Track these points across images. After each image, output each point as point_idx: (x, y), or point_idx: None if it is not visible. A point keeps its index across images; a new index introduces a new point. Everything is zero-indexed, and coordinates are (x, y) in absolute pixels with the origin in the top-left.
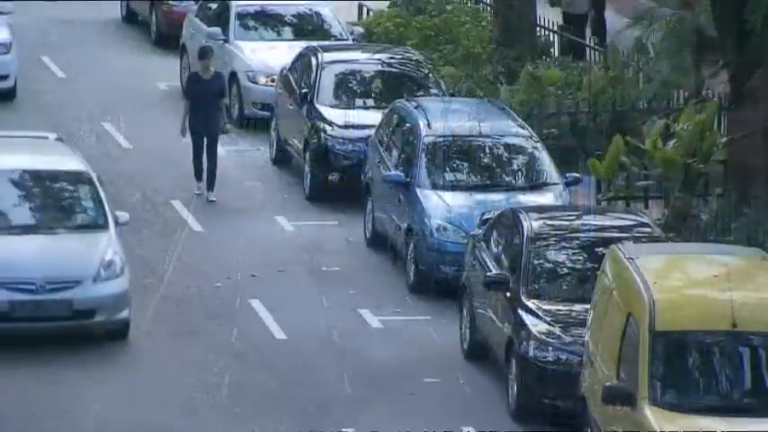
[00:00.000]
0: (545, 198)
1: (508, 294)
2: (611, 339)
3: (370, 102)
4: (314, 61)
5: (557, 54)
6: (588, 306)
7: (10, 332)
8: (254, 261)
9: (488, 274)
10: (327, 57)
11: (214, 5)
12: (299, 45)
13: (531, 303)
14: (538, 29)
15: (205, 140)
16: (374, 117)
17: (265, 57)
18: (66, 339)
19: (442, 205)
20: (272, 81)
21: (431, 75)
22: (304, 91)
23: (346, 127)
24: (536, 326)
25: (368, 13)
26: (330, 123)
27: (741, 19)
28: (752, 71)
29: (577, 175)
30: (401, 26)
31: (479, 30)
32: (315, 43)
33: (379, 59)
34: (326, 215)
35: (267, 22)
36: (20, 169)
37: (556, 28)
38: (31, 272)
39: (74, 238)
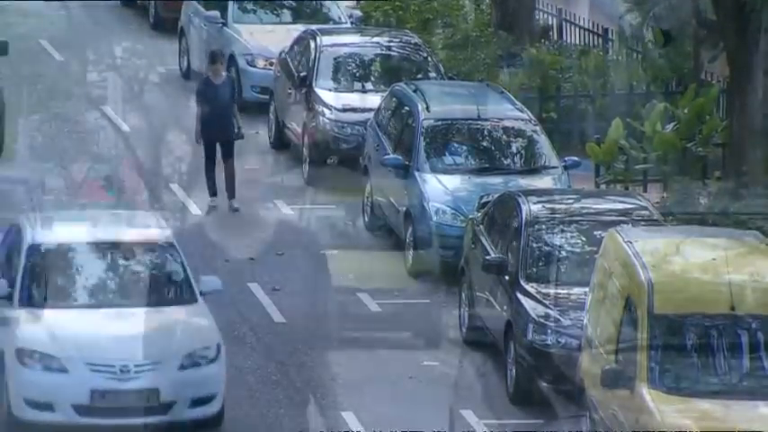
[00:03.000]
0: (544, 181)
1: (507, 278)
2: (609, 322)
3: (369, 85)
4: (312, 45)
5: (555, 37)
6: (587, 289)
7: None
8: (253, 244)
9: (487, 257)
10: (326, 40)
11: None
12: (298, 28)
13: (529, 287)
14: (537, 12)
15: (219, 147)
16: (373, 100)
17: (264, 40)
18: None
19: (441, 188)
20: (271, 64)
21: (429, 58)
22: (303, 74)
23: (345, 110)
24: (535, 309)
25: None
26: (329, 107)
27: (740, 1)
28: (751, 54)
29: (576, 158)
30: (400, 9)
31: (478, 13)
32: (314, 26)
33: (377, 43)
34: (325, 199)
35: (266, 5)
36: None
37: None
38: None
39: None
